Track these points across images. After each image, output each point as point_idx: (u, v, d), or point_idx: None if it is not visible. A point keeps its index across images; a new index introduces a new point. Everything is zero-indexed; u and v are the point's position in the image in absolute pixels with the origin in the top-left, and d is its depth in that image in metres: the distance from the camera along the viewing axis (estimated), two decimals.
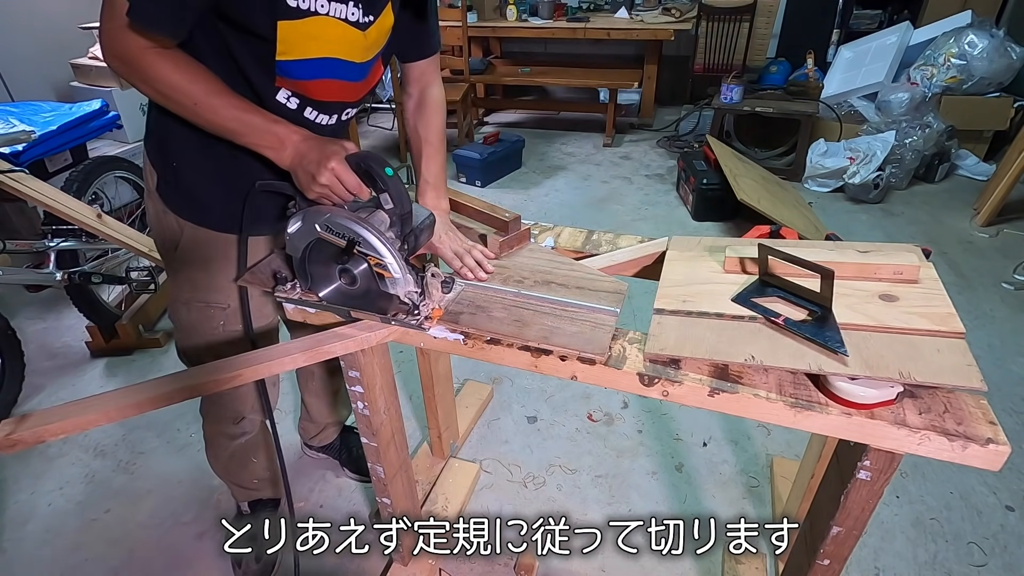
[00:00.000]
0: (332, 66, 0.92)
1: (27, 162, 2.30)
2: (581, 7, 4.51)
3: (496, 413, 1.92)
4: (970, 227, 2.92)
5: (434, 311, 0.93)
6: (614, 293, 0.94)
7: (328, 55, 0.90)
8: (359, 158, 0.87)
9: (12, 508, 1.66)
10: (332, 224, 0.88)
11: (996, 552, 1.44)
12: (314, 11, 0.83)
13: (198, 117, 0.85)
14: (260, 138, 0.88)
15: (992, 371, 1.98)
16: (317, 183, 0.86)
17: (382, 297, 0.92)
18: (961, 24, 3.42)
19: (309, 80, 0.92)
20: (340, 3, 0.86)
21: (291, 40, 0.84)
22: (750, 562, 1.38)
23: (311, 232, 0.90)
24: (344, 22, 0.87)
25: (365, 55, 0.95)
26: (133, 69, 0.81)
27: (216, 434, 1.33)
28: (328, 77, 0.93)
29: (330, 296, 0.97)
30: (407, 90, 1.18)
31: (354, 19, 0.88)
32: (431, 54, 1.14)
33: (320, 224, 0.89)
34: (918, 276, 0.88)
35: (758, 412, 0.76)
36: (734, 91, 3.48)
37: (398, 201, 0.88)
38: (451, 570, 1.43)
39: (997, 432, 0.67)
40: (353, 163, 0.86)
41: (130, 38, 0.79)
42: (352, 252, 0.88)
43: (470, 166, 3.60)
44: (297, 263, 0.96)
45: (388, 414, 1.18)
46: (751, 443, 1.76)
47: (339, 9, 0.86)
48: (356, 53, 0.93)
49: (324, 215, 0.89)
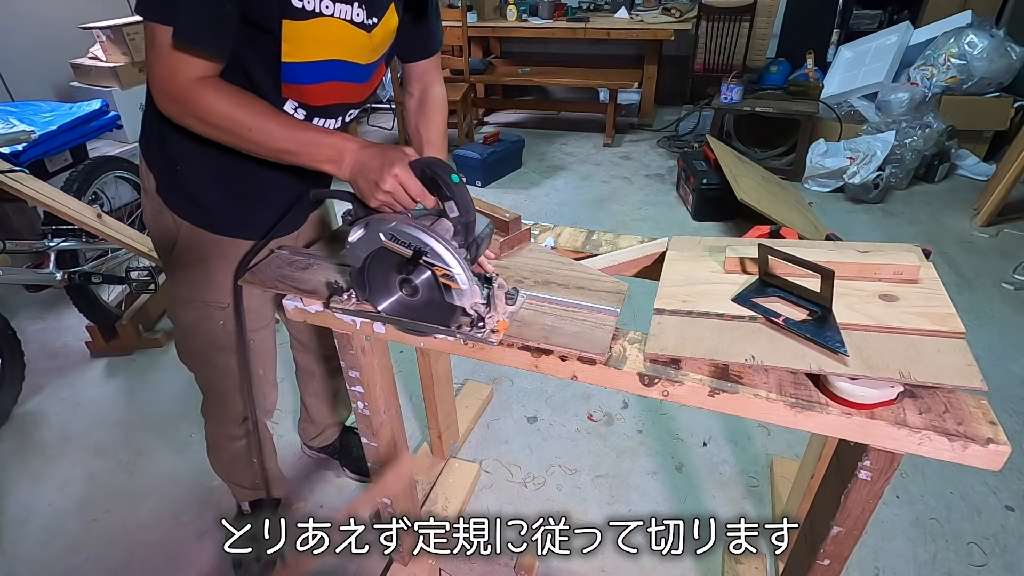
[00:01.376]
0: (337, 68, 0.91)
1: (27, 162, 2.31)
2: (581, 7, 4.51)
3: (496, 413, 1.92)
4: (970, 227, 2.92)
5: (500, 323, 0.89)
6: (614, 293, 0.94)
7: (333, 57, 0.89)
8: (424, 164, 0.84)
9: (12, 508, 1.66)
10: (397, 233, 0.84)
11: (996, 552, 1.44)
12: (319, 12, 0.83)
13: (253, 144, 0.85)
14: (317, 154, 0.87)
15: (992, 371, 1.98)
16: (380, 190, 0.83)
17: (445, 309, 0.88)
18: (961, 24, 3.42)
19: (314, 84, 0.91)
20: (345, 4, 0.85)
21: (296, 40, 0.84)
22: (750, 562, 1.38)
23: (374, 241, 0.86)
24: (349, 23, 0.87)
25: (370, 56, 0.95)
26: (186, 106, 0.82)
27: (218, 436, 1.33)
28: (332, 79, 0.92)
29: (390, 308, 0.92)
30: (408, 89, 1.18)
31: (359, 20, 0.88)
32: (432, 54, 1.14)
33: (385, 233, 0.85)
34: (918, 276, 0.88)
35: (758, 412, 0.76)
36: (734, 91, 3.48)
37: (464, 209, 0.84)
38: (451, 570, 1.43)
39: (997, 432, 0.67)
40: (418, 170, 0.84)
41: (179, 72, 0.79)
42: (418, 262, 0.84)
43: (470, 166, 3.60)
44: (356, 273, 0.91)
45: (388, 414, 1.18)
46: (751, 443, 1.76)
47: (344, 10, 0.86)
48: (361, 55, 0.93)
49: (389, 223, 0.84)
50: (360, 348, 1.05)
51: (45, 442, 1.87)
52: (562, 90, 5.08)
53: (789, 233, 1.08)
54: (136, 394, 2.05)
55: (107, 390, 2.08)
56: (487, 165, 3.58)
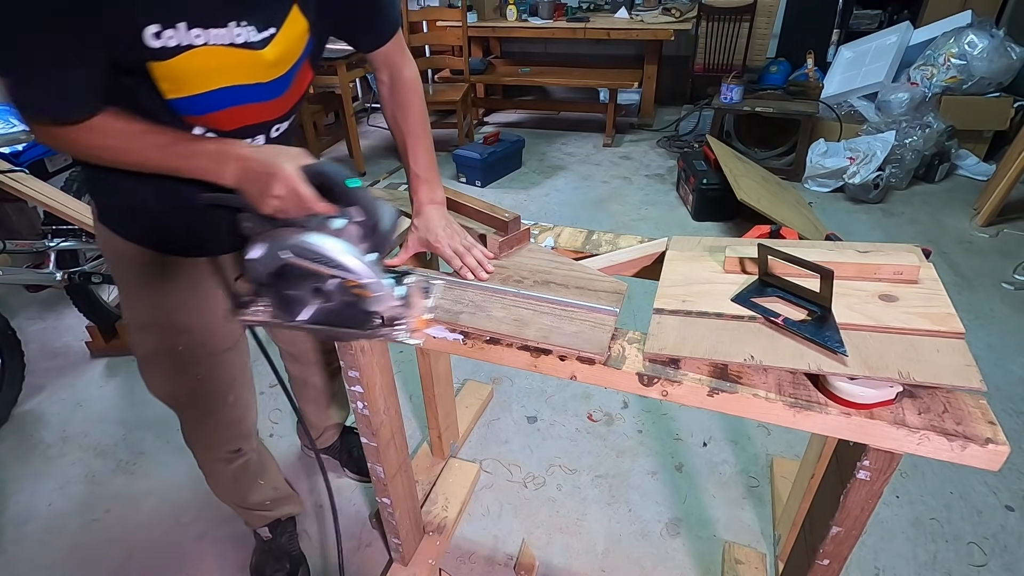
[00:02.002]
0: (234, 94, 0.83)
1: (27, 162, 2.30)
2: (581, 7, 4.51)
3: (496, 413, 1.92)
4: (970, 227, 2.92)
5: (418, 321, 0.90)
6: (614, 293, 0.94)
7: (222, 85, 0.81)
8: (316, 169, 0.79)
9: (12, 508, 1.66)
10: (297, 249, 0.79)
11: (996, 552, 1.44)
12: (187, 45, 0.74)
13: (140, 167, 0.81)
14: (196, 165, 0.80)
15: (992, 371, 1.97)
16: (270, 197, 0.77)
17: (362, 313, 0.85)
18: (961, 24, 3.42)
19: (214, 113, 0.83)
20: (219, 28, 0.76)
21: (173, 79, 0.76)
22: (750, 562, 1.38)
23: (275, 259, 0.81)
24: (231, 47, 0.78)
25: (272, 73, 0.85)
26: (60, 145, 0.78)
27: (211, 460, 1.25)
28: (234, 105, 0.84)
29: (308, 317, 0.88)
30: (378, 76, 1.07)
31: (243, 41, 0.79)
32: (390, 36, 1.02)
33: (285, 249, 0.80)
34: (918, 276, 0.88)
35: (757, 412, 0.76)
36: (734, 91, 3.48)
37: (367, 212, 0.81)
38: (451, 570, 1.44)
39: (996, 432, 0.67)
40: (312, 175, 0.78)
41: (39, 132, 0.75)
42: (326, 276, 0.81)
43: (470, 166, 3.60)
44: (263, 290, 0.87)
45: (388, 414, 1.18)
46: (751, 443, 1.76)
47: (219, 36, 0.76)
48: (258, 74, 0.84)
49: (288, 238, 0.79)
50: (359, 348, 1.05)
51: (45, 442, 1.87)
52: (562, 90, 5.09)
53: (789, 233, 1.08)
54: (136, 394, 2.05)
55: (107, 390, 2.08)
56: (487, 165, 3.58)
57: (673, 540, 1.49)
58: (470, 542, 1.51)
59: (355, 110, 3.93)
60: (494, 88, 4.89)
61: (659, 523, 1.54)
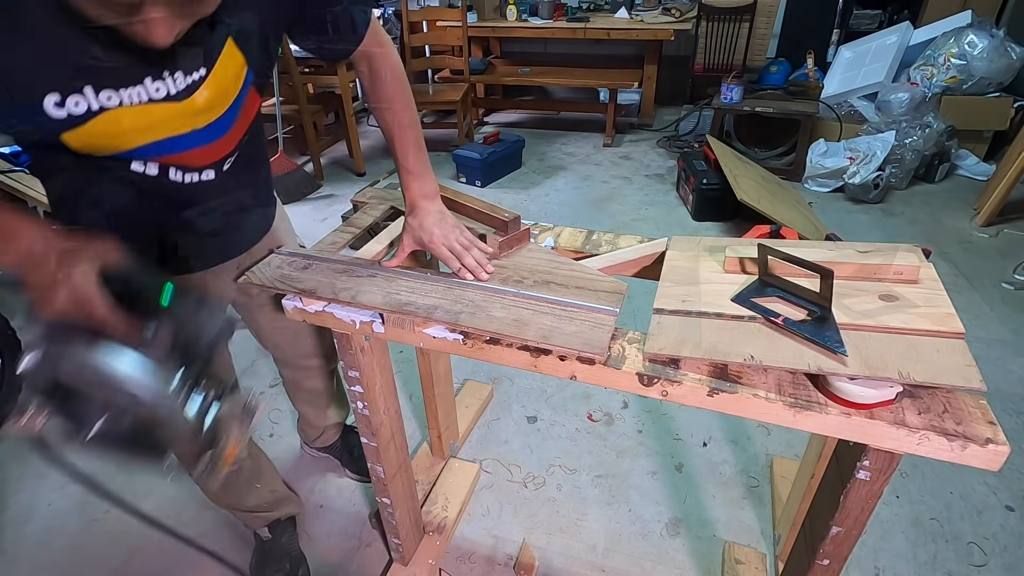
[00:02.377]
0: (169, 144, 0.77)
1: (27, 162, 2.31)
2: (581, 7, 4.51)
3: (496, 413, 1.92)
4: (970, 227, 2.92)
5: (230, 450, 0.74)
6: (614, 293, 0.94)
7: (150, 140, 0.75)
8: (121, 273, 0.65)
9: (12, 508, 1.66)
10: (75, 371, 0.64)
11: (996, 552, 1.44)
12: (101, 108, 0.68)
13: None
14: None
15: (992, 371, 1.97)
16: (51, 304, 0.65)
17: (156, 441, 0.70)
18: (961, 24, 3.42)
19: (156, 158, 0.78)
20: (135, 86, 0.70)
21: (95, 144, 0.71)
22: (750, 562, 1.38)
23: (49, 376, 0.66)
24: (151, 104, 0.72)
25: (206, 119, 0.79)
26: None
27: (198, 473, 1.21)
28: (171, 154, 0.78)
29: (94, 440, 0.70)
30: (358, 68, 1.00)
31: (162, 95, 0.72)
32: (358, 43, 0.94)
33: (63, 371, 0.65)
34: (918, 276, 0.88)
35: (757, 412, 0.76)
36: (734, 91, 3.48)
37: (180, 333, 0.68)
38: (451, 570, 1.44)
39: (996, 432, 0.67)
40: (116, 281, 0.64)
41: None
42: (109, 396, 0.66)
43: (470, 166, 3.60)
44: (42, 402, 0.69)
45: (388, 414, 1.18)
46: (751, 443, 1.76)
47: (136, 93, 0.70)
48: (189, 124, 0.77)
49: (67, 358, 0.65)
50: (359, 348, 1.05)
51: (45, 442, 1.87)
52: (562, 90, 5.09)
53: (789, 233, 1.08)
54: None
55: None
56: (487, 165, 3.58)
57: (673, 540, 1.49)
58: (470, 542, 1.51)
59: (355, 110, 3.92)
60: (494, 88, 4.89)
61: (659, 523, 1.54)
